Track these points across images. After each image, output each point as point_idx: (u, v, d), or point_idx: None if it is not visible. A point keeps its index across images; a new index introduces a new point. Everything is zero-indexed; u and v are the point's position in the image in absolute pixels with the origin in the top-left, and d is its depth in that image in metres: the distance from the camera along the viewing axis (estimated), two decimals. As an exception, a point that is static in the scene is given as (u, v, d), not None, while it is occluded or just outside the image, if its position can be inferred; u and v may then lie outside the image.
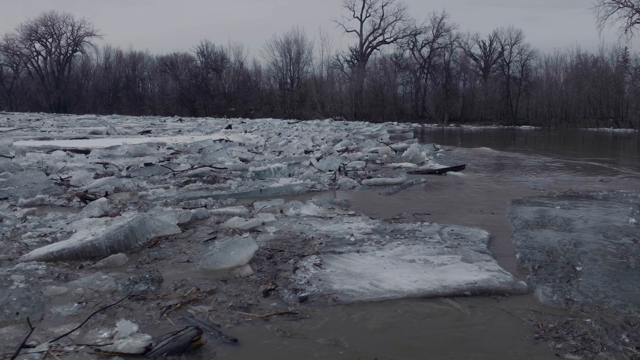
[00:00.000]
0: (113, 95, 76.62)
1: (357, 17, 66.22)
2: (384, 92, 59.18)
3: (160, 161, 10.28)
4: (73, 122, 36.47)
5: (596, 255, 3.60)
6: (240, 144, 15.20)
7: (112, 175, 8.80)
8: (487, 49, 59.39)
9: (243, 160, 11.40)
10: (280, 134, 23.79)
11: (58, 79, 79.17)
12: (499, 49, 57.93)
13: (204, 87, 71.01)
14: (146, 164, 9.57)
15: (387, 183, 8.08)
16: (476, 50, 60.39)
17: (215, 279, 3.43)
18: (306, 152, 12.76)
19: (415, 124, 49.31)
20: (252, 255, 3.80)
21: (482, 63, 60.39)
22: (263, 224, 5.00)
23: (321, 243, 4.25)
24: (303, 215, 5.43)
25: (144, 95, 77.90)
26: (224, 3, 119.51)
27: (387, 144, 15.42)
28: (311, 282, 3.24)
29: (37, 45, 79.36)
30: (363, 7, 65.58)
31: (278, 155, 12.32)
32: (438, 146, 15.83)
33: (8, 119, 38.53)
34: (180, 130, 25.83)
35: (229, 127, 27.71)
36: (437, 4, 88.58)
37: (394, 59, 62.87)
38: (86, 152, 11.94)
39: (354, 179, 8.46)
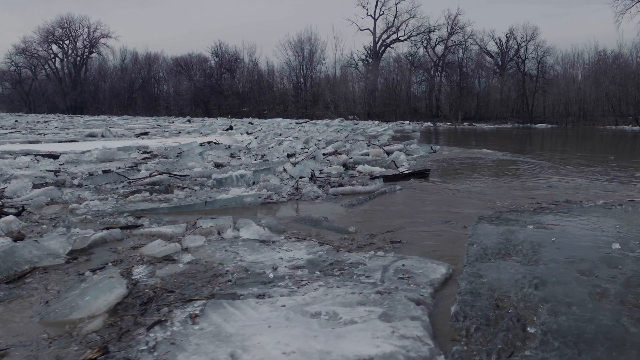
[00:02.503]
0: (128, 96, 76.74)
1: (370, 15, 65.19)
2: (396, 91, 57.97)
3: (122, 167, 9.52)
4: (80, 123, 36.24)
5: (560, 306, 2.67)
6: (227, 147, 14.40)
7: (63, 183, 8.08)
8: (504, 46, 57.74)
9: (218, 165, 10.59)
10: (280, 134, 23.00)
11: (75, 81, 79.68)
12: (515, 46, 56.24)
13: (218, 87, 70.61)
14: (104, 171, 8.82)
15: (357, 192, 7.17)
16: (492, 47, 58.81)
17: (45, 336, 2.59)
18: (289, 155, 11.89)
19: (427, 123, 48.04)
20: (115, 301, 2.95)
21: (499, 60, 58.72)
22: (186, 249, 4.15)
23: (229, 280, 3.38)
24: (242, 238, 4.53)
25: (159, 96, 77.85)
26: (238, 3, 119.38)
27: (381, 146, 14.47)
28: (156, 348, 2.38)
29: (54, 48, 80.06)
30: (376, 5, 64.51)
31: (260, 159, 11.47)
32: (436, 147, 14.81)
33: (16, 121, 38.48)
34: (180, 132, 25.18)
35: (230, 128, 26.99)
36: (451, 1, 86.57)
37: (409, 58, 61.62)
38: (55, 157, 11.26)
39: (324, 187, 7.56)
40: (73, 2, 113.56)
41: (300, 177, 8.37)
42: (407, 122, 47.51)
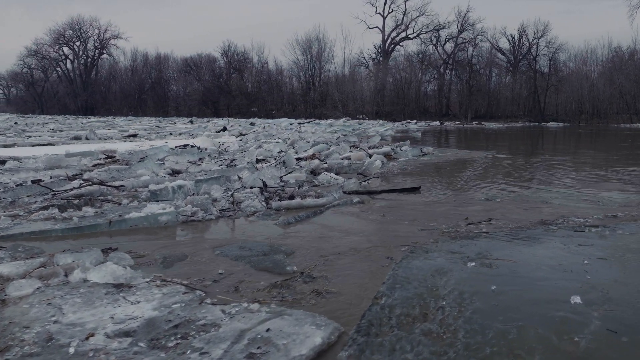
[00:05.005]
0: (138, 97, 76.41)
1: (379, 13, 63.98)
2: (404, 90, 56.59)
3: (56, 177, 8.58)
4: (79, 125, 35.67)
5: None
6: (202, 150, 13.44)
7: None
8: (516, 43, 55.98)
9: (176, 171, 9.61)
10: (274, 135, 22.00)
11: (85, 82, 79.70)
12: (527, 43, 54.45)
13: (227, 87, 69.93)
14: (33, 181, 7.88)
15: (305, 206, 6.12)
16: (504, 44, 57.06)
17: None
18: (258, 160, 10.87)
19: (434, 122, 46.66)
20: None
21: (511, 57, 56.98)
22: (2, 301, 3.11)
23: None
24: (90, 282, 3.42)
25: (168, 97, 77.38)
26: (247, 3, 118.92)
27: (370, 148, 13.38)
28: None
29: (65, 49, 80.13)
30: (385, 3, 63.26)
31: (226, 165, 10.45)
32: (429, 149, 13.65)
33: (15, 122, 38.04)
34: (170, 134, 24.33)
35: (224, 129, 26.09)
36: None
37: (419, 56, 60.21)
38: (2, 162, 10.40)
39: (271, 199, 6.52)
40: (89, 4, 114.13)
41: (251, 187, 7.35)
42: (414, 121, 46.17)
